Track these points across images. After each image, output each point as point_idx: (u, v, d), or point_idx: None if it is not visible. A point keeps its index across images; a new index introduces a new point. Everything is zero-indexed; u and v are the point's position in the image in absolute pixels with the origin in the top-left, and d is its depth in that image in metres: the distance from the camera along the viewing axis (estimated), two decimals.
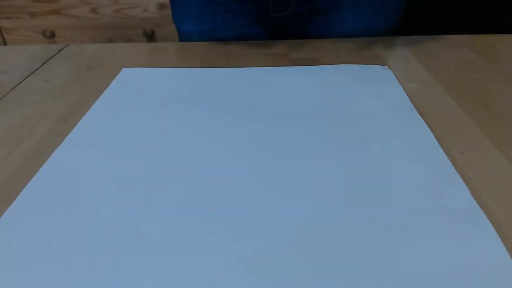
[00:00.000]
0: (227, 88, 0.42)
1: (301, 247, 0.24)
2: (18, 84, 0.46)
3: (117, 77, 0.46)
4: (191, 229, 0.25)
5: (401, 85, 0.42)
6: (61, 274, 0.23)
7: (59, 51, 0.55)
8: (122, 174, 0.30)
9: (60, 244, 0.25)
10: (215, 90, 0.42)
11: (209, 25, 0.59)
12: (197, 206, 0.27)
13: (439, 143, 0.33)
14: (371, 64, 0.47)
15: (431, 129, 0.35)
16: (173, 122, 0.37)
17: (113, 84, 0.44)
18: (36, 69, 0.49)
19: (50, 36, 1.32)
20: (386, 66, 0.46)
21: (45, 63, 0.51)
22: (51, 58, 0.53)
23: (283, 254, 0.24)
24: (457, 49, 0.51)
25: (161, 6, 1.26)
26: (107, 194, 0.28)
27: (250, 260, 0.23)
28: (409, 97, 0.40)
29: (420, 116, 0.36)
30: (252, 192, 0.28)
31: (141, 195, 0.28)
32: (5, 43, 1.35)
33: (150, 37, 1.30)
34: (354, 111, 0.38)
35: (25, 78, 0.47)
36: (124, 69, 0.47)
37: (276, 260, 0.23)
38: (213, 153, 0.32)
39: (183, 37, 0.62)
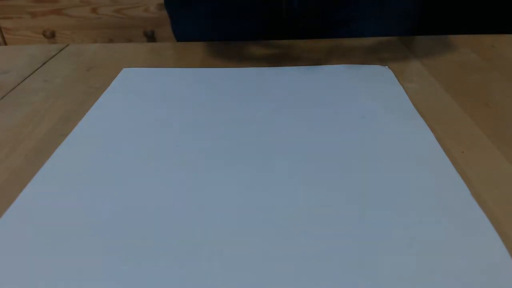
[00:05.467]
0: (227, 88, 0.42)
1: (300, 247, 0.24)
2: (18, 84, 0.46)
3: (117, 77, 0.46)
4: (192, 229, 0.25)
5: (401, 85, 0.42)
6: (61, 274, 0.23)
7: (59, 51, 0.55)
8: (123, 173, 0.30)
9: (60, 244, 0.25)
10: (215, 90, 0.42)
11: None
12: (198, 206, 0.27)
13: (439, 143, 0.33)
14: (371, 64, 0.47)
15: (431, 129, 0.35)
16: (173, 122, 0.37)
17: (113, 84, 0.44)
18: (36, 69, 0.49)
19: (50, 36, 1.32)
20: (386, 66, 0.46)
21: (45, 63, 0.51)
22: (51, 58, 0.53)
23: (284, 254, 0.24)
24: (457, 49, 0.51)
25: (161, 6, 1.26)
26: (107, 193, 0.28)
27: (250, 260, 0.23)
28: (409, 97, 0.40)
29: (420, 116, 0.36)
30: (251, 191, 0.28)
31: (142, 195, 0.28)
32: (5, 43, 1.35)
33: (150, 37, 1.30)
34: (354, 111, 0.38)
35: (25, 78, 0.47)
36: (124, 69, 0.48)
37: (277, 260, 0.23)
38: (213, 153, 0.32)
39: None
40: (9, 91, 0.44)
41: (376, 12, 0.56)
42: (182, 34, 0.62)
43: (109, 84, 0.44)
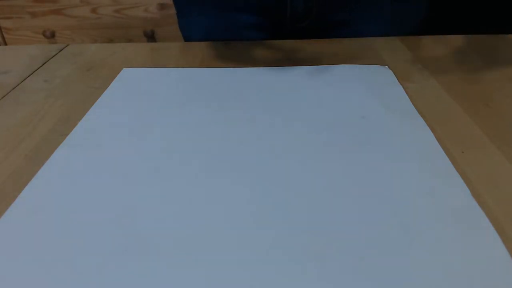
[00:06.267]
0: (227, 88, 0.42)
1: (300, 247, 0.24)
2: (18, 84, 0.46)
3: (117, 77, 0.46)
4: (192, 229, 0.25)
5: (401, 85, 0.42)
6: (61, 274, 0.23)
7: (59, 51, 0.55)
8: (123, 174, 0.30)
9: (60, 244, 0.25)
10: (215, 90, 0.42)
11: (220, 39, 0.57)
12: (198, 206, 0.27)
13: (439, 143, 0.33)
14: (371, 64, 0.47)
15: (431, 129, 0.35)
16: (173, 122, 0.37)
17: (113, 84, 0.44)
18: (36, 69, 0.49)
19: (50, 36, 1.32)
20: (386, 66, 0.46)
21: (45, 63, 0.51)
22: (51, 58, 0.53)
23: (283, 254, 0.24)
24: (457, 49, 0.51)
25: (161, 6, 1.26)
26: (107, 194, 0.28)
27: (250, 261, 0.23)
28: (409, 97, 0.40)
29: (420, 116, 0.36)
30: (251, 191, 0.28)
31: (142, 195, 0.28)
32: (5, 43, 1.35)
33: (151, 37, 1.30)
34: (354, 111, 0.38)
35: (25, 78, 0.47)
36: (124, 69, 0.48)
37: (277, 261, 0.23)
38: (213, 153, 0.32)
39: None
40: (9, 91, 0.44)
41: (378, 13, 0.56)
42: (188, 29, 0.63)
43: (109, 84, 0.44)
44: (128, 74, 0.46)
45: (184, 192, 0.28)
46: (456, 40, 0.54)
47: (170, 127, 0.36)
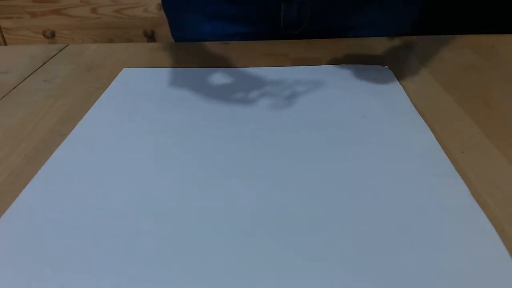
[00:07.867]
0: (227, 88, 0.42)
1: (300, 247, 0.24)
2: (18, 84, 0.46)
3: (117, 77, 0.46)
4: (191, 228, 0.25)
5: (401, 85, 0.42)
6: (61, 274, 0.23)
7: (59, 51, 0.55)
8: (123, 174, 0.30)
9: (60, 244, 0.25)
10: (215, 90, 0.42)
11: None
12: (197, 206, 0.27)
13: (439, 143, 0.33)
14: (371, 64, 0.47)
15: (431, 129, 0.35)
16: (173, 122, 0.37)
17: (113, 84, 0.44)
18: (36, 69, 0.49)
19: (50, 36, 1.32)
20: (386, 66, 0.46)
21: (45, 63, 0.51)
22: (51, 58, 0.53)
23: (283, 254, 0.24)
24: (457, 49, 0.51)
25: (161, 6, 1.26)
26: (107, 194, 0.28)
27: (250, 260, 0.23)
28: (409, 97, 0.40)
29: (420, 116, 0.36)
30: (252, 191, 0.28)
31: (142, 195, 0.28)
32: (5, 43, 1.35)
33: (150, 37, 1.30)
34: (354, 110, 0.38)
35: (25, 78, 0.47)
36: (124, 69, 0.48)
37: (276, 260, 0.23)
38: (214, 152, 0.32)
39: None
40: (9, 91, 0.44)
41: (371, 20, 0.56)
42: (181, 39, 0.62)
43: (109, 84, 0.44)
44: (128, 74, 0.46)
45: (184, 191, 0.28)
46: (456, 40, 0.54)
47: (170, 127, 0.36)
